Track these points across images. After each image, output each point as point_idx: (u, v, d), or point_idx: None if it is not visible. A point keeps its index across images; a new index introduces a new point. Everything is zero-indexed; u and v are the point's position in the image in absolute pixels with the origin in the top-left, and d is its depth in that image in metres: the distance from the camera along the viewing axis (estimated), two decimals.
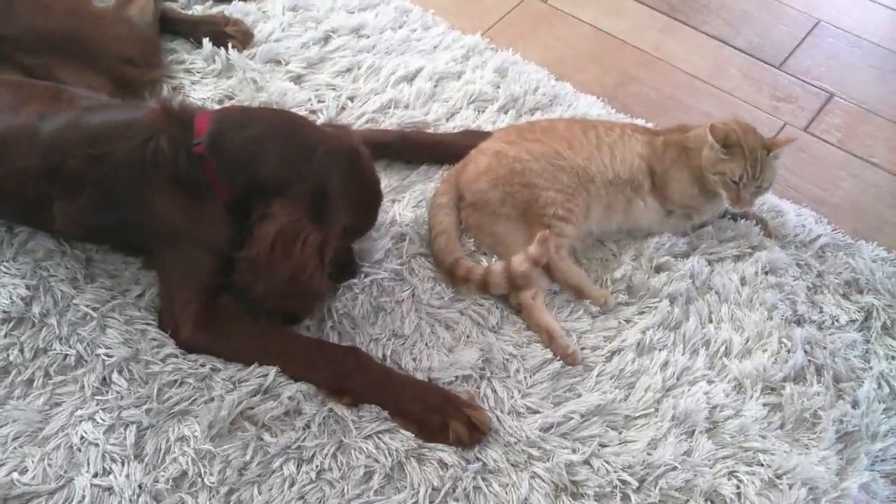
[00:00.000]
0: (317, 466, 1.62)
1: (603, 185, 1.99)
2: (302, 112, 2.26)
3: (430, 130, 2.30)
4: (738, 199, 1.95)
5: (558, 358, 1.81)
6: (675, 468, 1.65)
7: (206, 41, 2.43)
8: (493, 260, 1.97)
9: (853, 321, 1.96)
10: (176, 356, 1.75)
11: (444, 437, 1.66)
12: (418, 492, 1.59)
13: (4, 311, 1.78)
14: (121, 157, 1.70)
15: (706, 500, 1.63)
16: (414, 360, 1.80)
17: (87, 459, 1.60)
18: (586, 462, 1.66)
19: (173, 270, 1.80)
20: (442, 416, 1.67)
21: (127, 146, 1.70)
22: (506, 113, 2.36)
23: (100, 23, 2.23)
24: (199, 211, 1.74)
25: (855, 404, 1.80)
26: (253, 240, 1.68)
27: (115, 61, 2.19)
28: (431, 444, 1.66)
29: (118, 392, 1.70)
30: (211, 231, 1.75)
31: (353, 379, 1.72)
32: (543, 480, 1.62)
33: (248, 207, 1.72)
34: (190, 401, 1.69)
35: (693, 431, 1.72)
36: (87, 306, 1.81)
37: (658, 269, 2.00)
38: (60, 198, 1.75)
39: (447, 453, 1.64)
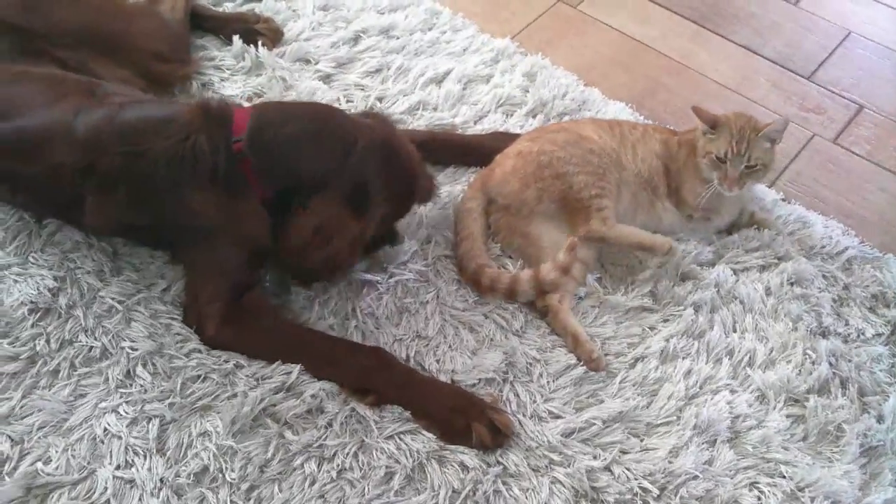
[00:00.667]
0: (338, 465, 1.62)
1: (632, 175, 2.01)
2: None
3: (458, 133, 2.30)
4: (725, 176, 1.95)
5: (582, 363, 1.81)
6: (696, 477, 1.65)
7: (236, 38, 2.45)
8: (520, 263, 1.96)
9: (879, 335, 1.95)
10: (200, 351, 1.76)
11: (466, 439, 1.66)
12: (438, 494, 1.59)
13: (32, 302, 1.79)
14: (158, 155, 1.70)
15: None
16: (437, 361, 1.80)
17: (110, 452, 1.61)
18: (607, 468, 1.65)
19: (202, 266, 1.82)
20: (465, 419, 1.67)
21: (165, 144, 1.71)
22: (534, 117, 2.36)
23: (129, 18, 2.24)
24: (236, 207, 1.75)
25: (880, 419, 1.79)
26: (292, 229, 1.71)
27: (143, 56, 2.20)
28: (453, 447, 1.65)
29: (142, 385, 1.70)
30: (246, 227, 1.76)
31: (377, 379, 1.73)
32: (564, 486, 1.62)
33: (285, 204, 1.74)
34: (213, 396, 1.69)
35: (715, 441, 1.71)
36: (112, 299, 1.82)
37: (683, 278, 1.99)
38: (94, 194, 1.76)
39: (468, 456, 1.64)
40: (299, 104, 2.04)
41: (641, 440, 1.71)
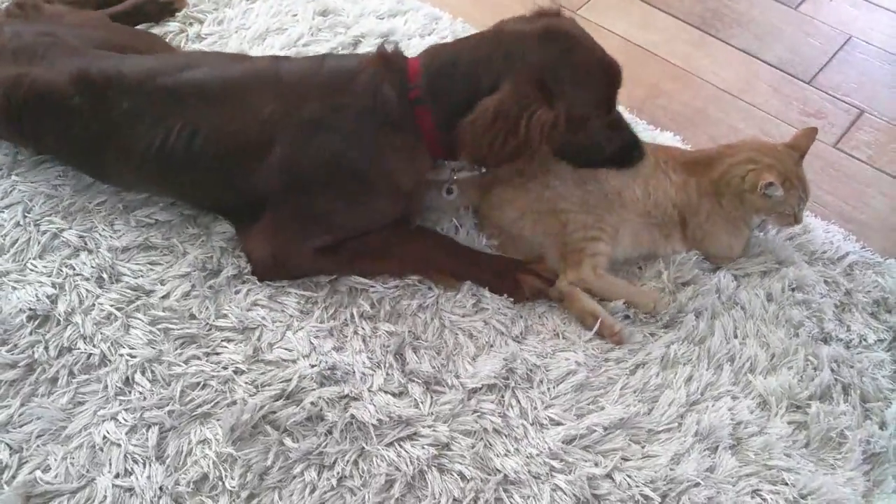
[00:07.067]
0: (338, 473, 1.61)
1: (636, 213, 1.97)
2: None
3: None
4: (796, 218, 1.98)
5: (605, 340, 1.85)
6: (697, 484, 1.64)
7: None
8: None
9: (881, 340, 1.94)
10: (199, 358, 1.75)
11: (518, 294, 1.91)
12: (439, 502, 1.59)
13: (30, 309, 1.79)
14: (353, 107, 1.81)
15: None
16: (442, 365, 1.78)
17: (110, 459, 1.61)
18: (608, 476, 1.64)
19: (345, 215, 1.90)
20: (511, 275, 1.92)
21: (356, 98, 1.81)
22: None
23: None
24: (410, 153, 1.85)
25: (882, 425, 1.78)
26: (474, 109, 1.72)
27: None
28: (450, 454, 1.65)
29: (141, 393, 1.70)
30: (413, 169, 1.88)
31: (428, 256, 1.95)
32: (565, 493, 1.61)
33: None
34: (212, 403, 1.69)
35: (717, 447, 1.70)
36: (111, 306, 1.82)
37: (684, 284, 1.98)
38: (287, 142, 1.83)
39: (465, 466, 1.63)
40: (464, 39, 1.95)
41: (643, 447, 1.70)
